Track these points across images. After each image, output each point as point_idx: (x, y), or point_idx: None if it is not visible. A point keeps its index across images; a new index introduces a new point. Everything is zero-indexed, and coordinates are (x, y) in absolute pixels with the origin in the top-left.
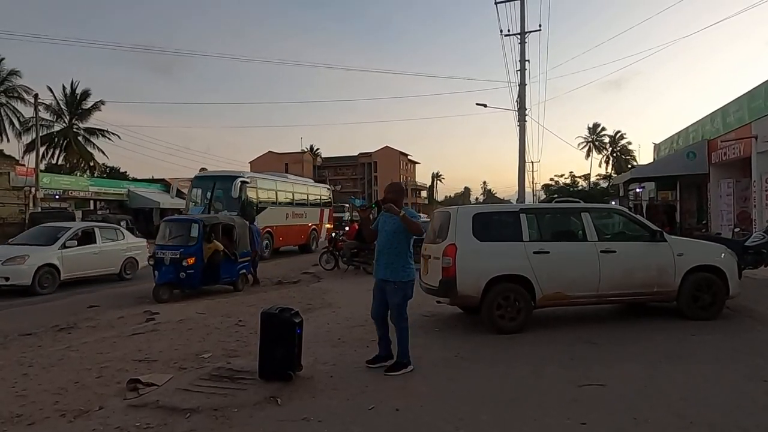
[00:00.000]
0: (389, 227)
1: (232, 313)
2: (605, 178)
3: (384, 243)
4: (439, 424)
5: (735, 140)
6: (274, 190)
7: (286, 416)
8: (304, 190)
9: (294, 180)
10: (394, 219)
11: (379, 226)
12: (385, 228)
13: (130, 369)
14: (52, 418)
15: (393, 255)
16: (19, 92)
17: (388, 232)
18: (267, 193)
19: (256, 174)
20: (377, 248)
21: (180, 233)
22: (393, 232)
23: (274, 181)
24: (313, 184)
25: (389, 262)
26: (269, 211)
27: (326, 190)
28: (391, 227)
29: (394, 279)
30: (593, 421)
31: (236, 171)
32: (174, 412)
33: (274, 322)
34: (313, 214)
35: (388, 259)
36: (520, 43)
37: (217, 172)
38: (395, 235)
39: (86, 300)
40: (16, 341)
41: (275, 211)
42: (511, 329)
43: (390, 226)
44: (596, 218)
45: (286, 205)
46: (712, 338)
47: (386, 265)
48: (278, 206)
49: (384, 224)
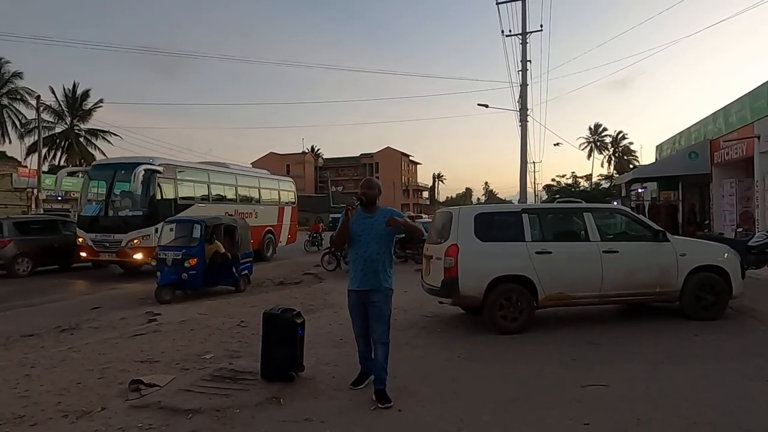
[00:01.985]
0: (376, 230)
1: (234, 314)
2: (607, 179)
3: (370, 249)
4: (440, 425)
5: (737, 140)
6: (205, 182)
7: (288, 417)
8: (253, 183)
9: (238, 170)
10: (376, 220)
11: (355, 229)
12: (369, 232)
13: (132, 370)
14: (55, 419)
15: (382, 262)
16: (22, 94)
17: (375, 236)
18: (193, 187)
19: (175, 161)
20: (357, 255)
21: (182, 234)
22: (380, 235)
23: (205, 172)
24: (267, 176)
25: (378, 269)
26: (195, 210)
27: (288, 184)
28: (378, 230)
29: (385, 287)
30: (596, 421)
31: (146, 157)
32: (176, 413)
33: (276, 323)
34: (267, 213)
35: (375, 267)
36: (522, 44)
37: (118, 159)
38: (383, 239)
39: (88, 301)
40: (19, 342)
41: (205, 210)
42: (513, 330)
43: (377, 229)
44: (598, 218)
45: (223, 202)
46: (715, 338)
47: (375, 273)
48: (210, 203)
49: (364, 227)
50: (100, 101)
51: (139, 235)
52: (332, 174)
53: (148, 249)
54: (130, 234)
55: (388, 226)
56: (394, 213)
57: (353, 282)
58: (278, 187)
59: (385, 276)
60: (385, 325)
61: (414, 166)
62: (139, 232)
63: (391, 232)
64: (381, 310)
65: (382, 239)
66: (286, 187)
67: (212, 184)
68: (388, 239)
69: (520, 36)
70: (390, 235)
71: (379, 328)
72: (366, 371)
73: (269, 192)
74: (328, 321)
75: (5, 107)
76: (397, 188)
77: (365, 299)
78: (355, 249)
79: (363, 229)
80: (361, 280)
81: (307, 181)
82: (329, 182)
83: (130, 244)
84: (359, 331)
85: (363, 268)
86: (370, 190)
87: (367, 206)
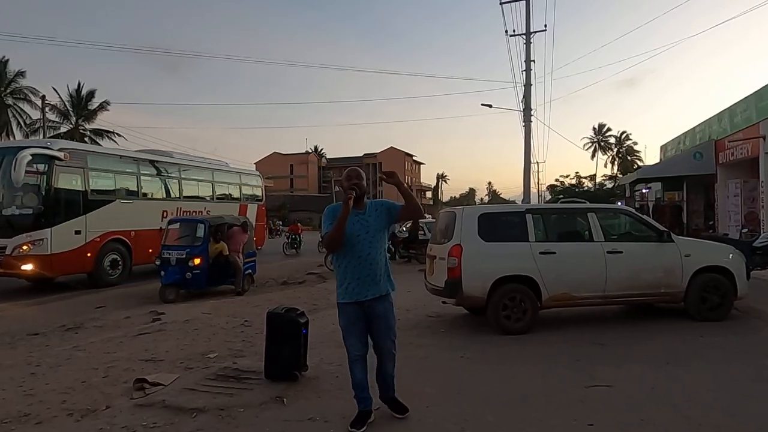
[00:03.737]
0: (372, 227)
1: (238, 313)
2: (611, 179)
3: (371, 249)
4: (444, 425)
5: (743, 140)
6: (133, 174)
7: (292, 416)
8: (203, 176)
9: (181, 160)
10: (369, 216)
11: (349, 228)
12: (367, 230)
13: (137, 369)
14: (60, 417)
15: (384, 263)
16: (26, 93)
17: (372, 235)
18: (113, 179)
19: (86, 146)
20: (355, 259)
21: (186, 233)
22: (376, 232)
23: (133, 161)
24: (224, 168)
25: (381, 272)
26: (117, 208)
27: (254, 178)
28: (374, 227)
29: (392, 289)
30: (600, 422)
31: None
32: (180, 412)
33: (280, 322)
34: (223, 211)
35: (379, 270)
36: (526, 44)
37: (6, 143)
38: (381, 236)
39: (92, 300)
40: (24, 341)
41: (131, 208)
42: (517, 330)
43: (373, 225)
44: (603, 219)
45: (158, 198)
46: (720, 339)
47: (378, 277)
48: (139, 200)
49: (360, 226)
50: (105, 102)
51: (29, 240)
52: (335, 174)
53: (41, 258)
54: (17, 239)
55: (384, 179)
56: (387, 204)
57: (350, 292)
58: (239, 181)
59: (390, 277)
60: (393, 336)
61: (417, 167)
62: (29, 236)
63: (385, 227)
64: (388, 320)
65: (382, 236)
66: (250, 182)
67: (143, 176)
68: (384, 235)
69: (524, 36)
70: (385, 230)
71: (387, 342)
72: (366, 409)
73: (227, 187)
74: (332, 320)
75: (10, 107)
76: None
77: (369, 311)
78: (355, 252)
79: (359, 227)
80: (362, 289)
81: (311, 181)
82: (332, 182)
83: (18, 252)
84: (360, 353)
85: (367, 273)
86: (362, 181)
87: (357, 201)
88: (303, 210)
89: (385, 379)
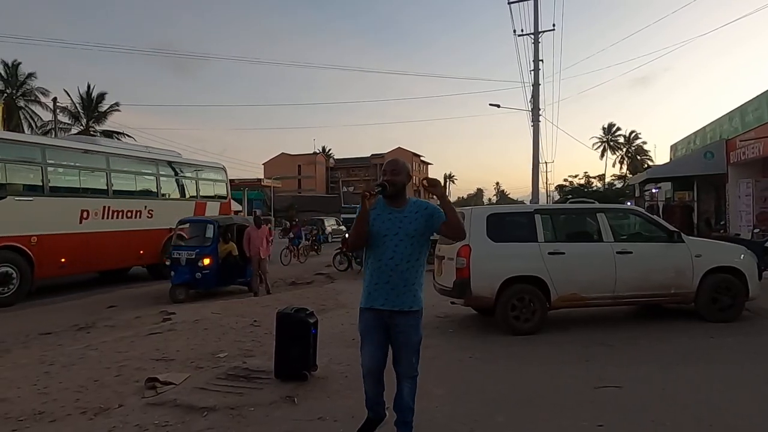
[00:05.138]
0: (408, 229)
1: (247, 313)
2: (620, 179)
3: (399, 254)
4: (453, 425)
5: (754, 139)
6: (38, 164)
7: (301, 416)
8: (144, 168)
9: (110, 148)
10: (406, 216)
11: (378, 228)
12: (398, 231)
13: (148, 368)
14: (73, 415)
15: (415, 272)
16: (37, 95)
17: (406, 237)
18: (4, 170)
19: None
20: (381, 263)
21: (195, 234)
22: (412, 236)
23: (37, 147)
24: (175, 160)
25: (409, 282)
26: (7, 206)
27: (215, 172)
28: (411, 230)
29: (416, 307)
30: (610, 423)
31: None
32: (191, 411)
33: (290, 322)
34: (173, 212)
35: (406, 279)
36: (534, 43)
37: None
38: (417, 241)
39: (103, 300)
40: (37, 340)
41: (32, 206)
42: (526, 330)
43: (409, 227)
44: (612, 219)
45: (77, 193)
46: (731, 340)
47: (405, 288)
48: (46, 196)
49: (390, 225)
50: (115, 104)
51: None
52: (343, 174)
53: None
54: None
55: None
56: (431, 208)
57: (373, 298)
58: (195, 175)
59: (417, 292)
60: (414, 355)
61: (425, 167)
62: None
63: (427, 232)
64: (410, 337)
65: (414, 242)
66: (210, 176)
67: (52, 167)
68: (423, 241)
69: (532, 35)
70: (426, 235)
71: (407, 359)
72: (377, 417)
73: (178, 182)
74: (340, 321)
75: (21, 109)
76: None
77: (390, 322)
78: (378, 254)
79: (389, 226)
80: (386, 297)
81: (319, 181)
82: (340, 182)
83: None
84: (373, 365)
85: (390, 280)
86: (397, 177)
87: (393, 197)
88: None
89: (400, 407)
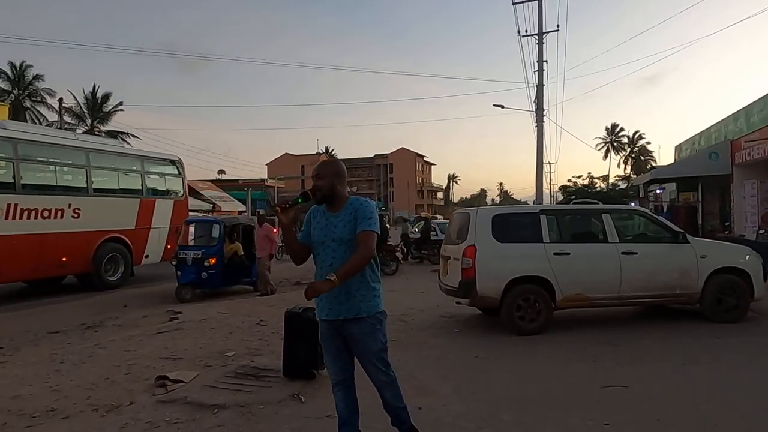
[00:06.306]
0: (341, 233)
1: (253, 312)
2: (624, 179)
3: (336, 259)
4: (461, 423)
5: (759, 140)
6: None
7: (311, 413)
8: (67, 158)
9: (19, 133)
10: (341, 220)
11: (316, 235)
12: (332, 234)
13: (158, 366)
14: (86, 412)
15: (359, 276)
16: (43, 95)
17: (342, 242)
18: None
19: None
20: (319, 270)
21: (201, 234)
22: (347, 240)
23: None
24: (111, 148)
25: (349, 288)
26: None
27: (166, 165)
28: (345, 234)
29: (367, 313)
30: (616, 422)
31: None
32: (202, 408)
33: (298, 322)
34: (108, 211)
35: (345, 285)
36: (538, 44)
37: None
38: (351, 244)
39: (110, 299)
40: (46, 339)
41: None
42: (531, 330)
43: (343, 231)
44: (617, 219)
45: None
46: (737, 341)
47: (348, 293)
48: None
49: (326, 231)
50: (120, 104)
51: None
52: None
53: None
54: None
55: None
56: (361, 209)
57: (320, 308)
58: (141, 168)
59: (367, 295)
60: (378, 363)
61: (428, 167)
62: None
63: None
64: (367, 345)
65: (352, 246)
66: (161, 170)
67: None
68: None
69: (537, 36)
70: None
71: (372, 370)
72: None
73: (116, 175)
74: None
75: (27, 109)
76: (411, 189)
77: (344, 331)
78: (319, 262)
79: (326, 233)
80: (329, 306)
81: None
82: None
83: None
84: (337, 375)
85: None
86: (321, 181)
87: (328, 202)
88: None
89: (390, 410)
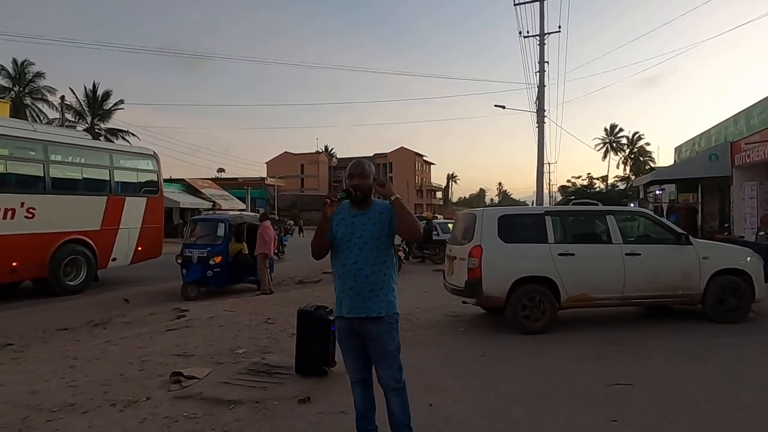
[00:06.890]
0: (371, 232)
1: (259, 311)
2: (623, 180)
3: (362, 258)
4: (472, 419)
5: (759, 142)
6: None
7: (325, 409)
8: (21, 152)
9: None
10: (370, 218)
11: (341, 233)
12: (361, 234)
13: (170, 363)
14: (103, 407)
15: (381, 276)
16: (43, 93)
17: (369, 241)
18: None
19: None
20: (345, 268)
21: (207, 232)
22: (376, 239)
23: None
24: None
25: (375, 287)
26: None
27: (139, 158)
28: (374, 232)
29: (387, 312)
30: (623, 419)
31: None
32: (218, 404)
33: (310, 320)
34: (69, 210)
35: (371, 284)
36: (539, 45)
37: None
38: (382, 244)
39: (114, 297)
40: (55, 336)
41: None
42: (536, 330)
43: (372, 230)
44: (621, 221)
45: None
46: (738, 341)
47: (370, 293)
48: None
49: (353, 229)
50: (120, 102)
51: None
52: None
53: None
54: None
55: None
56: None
57: (340, 306)
58: (110, 163)
59: (387, 296)
60: (393, 365)
61: (428, 167)
62: None
63: (392, 233)
64: (383, 345)
65: (380, 244)
66: (133, 164)
67: None
68: (388, 243)
69: (538, 37)
70: (391, 236)
71: (385, 370)
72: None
73: (79, 171)
74: None
75: (28, 107)
76: (411, 188)
77: (361, 330)
78: (342, 259)
79: (351, 231)
80: (351, 304)
81: (321, 180)
82: (343, 182)
83: None
84: (356, 374)
85: (351, 286)
86: (364, 180)
87: (360, 202)
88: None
89: (394, 424)
